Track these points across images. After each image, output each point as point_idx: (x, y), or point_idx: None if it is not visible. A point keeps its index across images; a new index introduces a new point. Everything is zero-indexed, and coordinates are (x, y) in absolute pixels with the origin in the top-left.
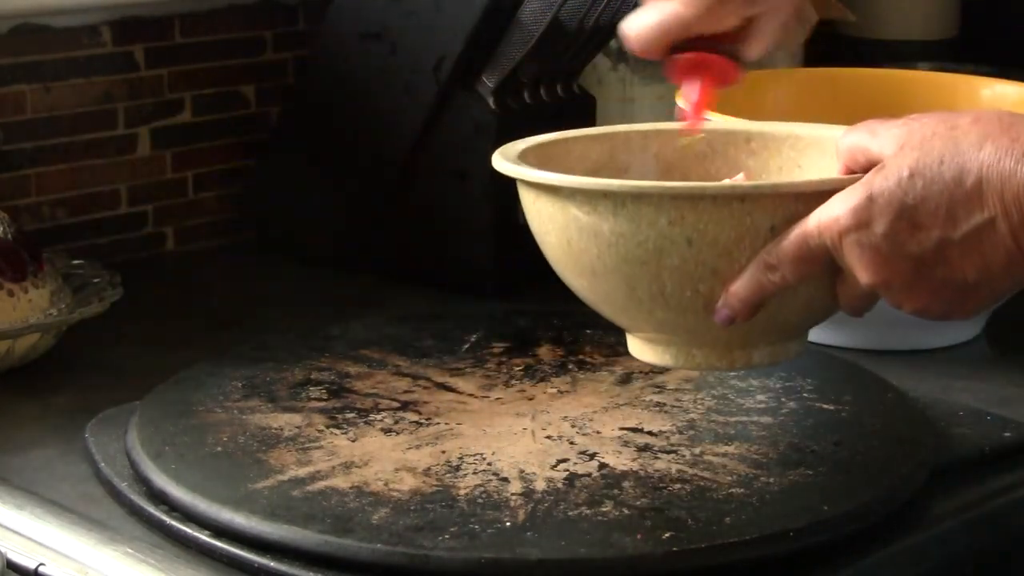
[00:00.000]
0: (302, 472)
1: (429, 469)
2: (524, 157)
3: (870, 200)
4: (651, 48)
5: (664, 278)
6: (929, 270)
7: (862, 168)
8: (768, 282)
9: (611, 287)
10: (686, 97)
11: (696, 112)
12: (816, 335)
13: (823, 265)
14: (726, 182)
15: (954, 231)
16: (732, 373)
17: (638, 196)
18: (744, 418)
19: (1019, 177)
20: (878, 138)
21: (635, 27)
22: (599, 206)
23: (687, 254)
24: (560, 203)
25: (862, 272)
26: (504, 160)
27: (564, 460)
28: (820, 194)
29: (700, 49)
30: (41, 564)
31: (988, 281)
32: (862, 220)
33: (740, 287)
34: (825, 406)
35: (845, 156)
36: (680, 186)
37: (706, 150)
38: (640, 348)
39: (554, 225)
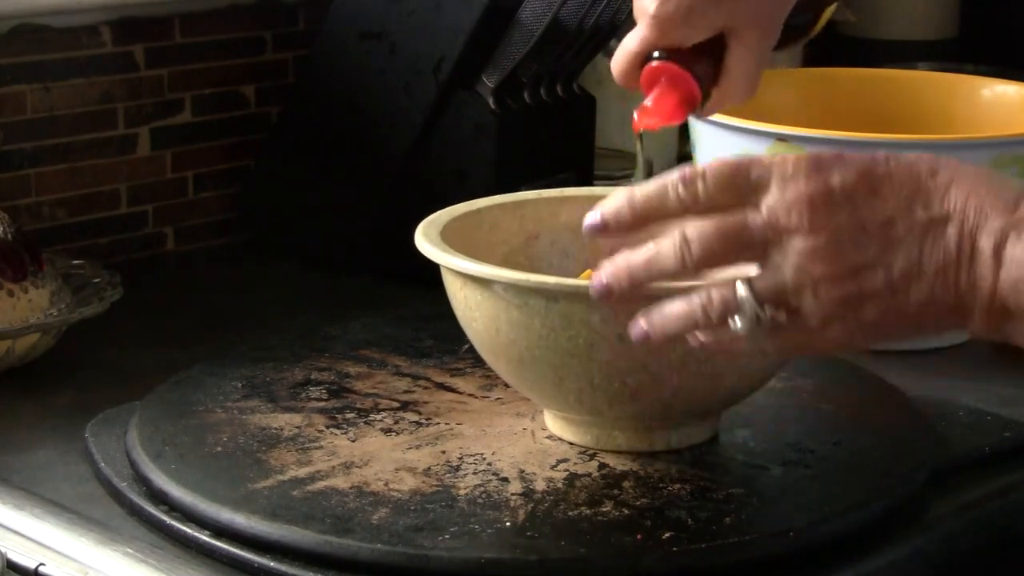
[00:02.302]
0: (302, 472)
1: (429, 469)
2: (445, 234)
3: (839, 158)
4: (623, 74)
5: (593, 371)
6: (865, 238)
7: None
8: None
9: (538, 375)
10: (643, 104)
11: (644, 113)
12: None
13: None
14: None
15: (907, 215)
16: None
17: (571, 294)
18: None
19: (986, 187)
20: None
21: (613, 61)
22: (531, 301)
23: (618, 349)
24: (490, 293)
25: (799, 209)
26: (429, 245)
27: (564, 460)
28: None
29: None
30: (41, 564)
31: (911, 283)
32: (824, 164)
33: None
34: (825, 406)
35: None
36: None
37: None
38: (560, 426)
39: (481, 313)
